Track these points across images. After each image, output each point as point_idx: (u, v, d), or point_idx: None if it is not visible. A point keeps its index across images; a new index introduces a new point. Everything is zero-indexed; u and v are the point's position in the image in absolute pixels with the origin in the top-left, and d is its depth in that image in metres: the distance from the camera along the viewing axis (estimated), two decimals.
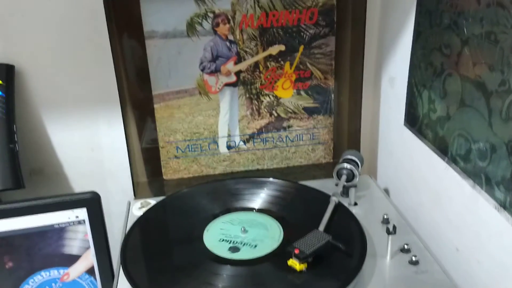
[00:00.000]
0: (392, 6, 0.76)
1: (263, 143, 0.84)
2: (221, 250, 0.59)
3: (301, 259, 0.53)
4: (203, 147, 0.83)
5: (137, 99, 0.79)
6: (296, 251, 0.53)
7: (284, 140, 0.85)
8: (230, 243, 0.60)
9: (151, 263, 0.59)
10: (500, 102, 0.50)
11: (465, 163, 0.58)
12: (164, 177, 0.83)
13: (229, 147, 0.83)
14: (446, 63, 0.60)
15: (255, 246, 0.60)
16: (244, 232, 0.62)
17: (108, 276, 0.70)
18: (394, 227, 0.57)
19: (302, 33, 0.78)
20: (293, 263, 0.54)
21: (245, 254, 0.59)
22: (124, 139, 0.77)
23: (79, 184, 0.85)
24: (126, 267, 0.56)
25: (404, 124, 0.73)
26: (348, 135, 0.85)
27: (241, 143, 0.84)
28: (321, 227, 0.59)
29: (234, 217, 0.66)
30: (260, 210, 0.68)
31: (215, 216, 0.66)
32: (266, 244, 0.60)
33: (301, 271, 0.54)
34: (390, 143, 0.81)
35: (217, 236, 0.62)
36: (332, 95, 0.83)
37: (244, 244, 0.60)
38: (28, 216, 0.65)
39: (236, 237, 0.62)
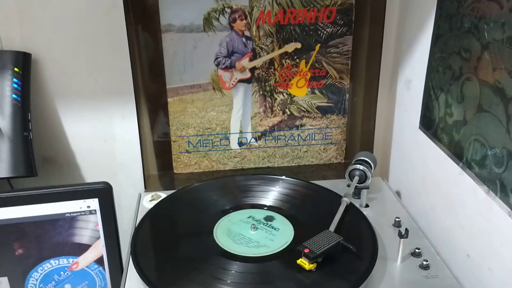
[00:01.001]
0: (412, 8, 0.75)
1: (275, 141, 0.84)
2: (230, 245, 0.59)
3: (310, 259, 0.53)
4: (215, 143, 0.83)
5: (151, 92, 0.79)
6: (306, 251, 0.53)
7: (296, 138, 0.84)
8: (241, 238, 0.60)
9: (160, 255, 0.59)
10: None
11: (480, 168, 0.57)
12: (175, 171, 0.83)
13: (240, 144, 0.83)
14: (465, 67, 0.60)
15: (265, 243, 0.60)
16: (254, 230, 0.62)
17: (116, 266, 0.70)
18: (407, 231, 0.56)
19: (319, 32, 0.77)
20: (303, 262, 0.53)
21: (254, 251, 0.58)
22: (137, 131, 0.77)
23: (91, 175, 0.85)
24: (136, 258, 0.56)
25: (419, 127, 0.73)
26: (361, 136, 0.84)
27: (253, 140, 0.83)
28: (332, 228, 0.58)
29: (244, 214, 0.66)
30: (271, 208, 0.67)
31: (225, 212, 0.66)
32: (276, 242, 0.60)
33: (310, 271, 0.53)
34: (403, 145, 0.80)
35: (227, 232, 0.62)
36: (347, 95, 0.82)
37: (253, 241, 0.60)
38: (40, 204, 0.65)
39: (246, 234, 0.61)
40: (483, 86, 0.56)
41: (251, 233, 0.62)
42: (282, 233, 0.62)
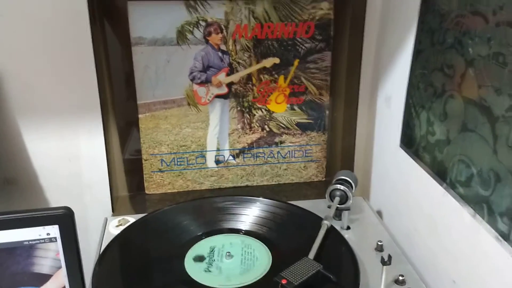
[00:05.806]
0: (392, 23, 0.73)
1: (254, 158, 0.81)
2: (203, 277, 0.55)
3: None
4: (190, 161, 0.79)
5: (121, 108, 0.75)
6: (284, 282, 0.49)
7: (276, 156, 0.81)
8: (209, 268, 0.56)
9: None
10: (508, 129, 0.47)
11: (465, 190, 0.54)
12: (147, 191, 0.79)
13: (217, 162, 0.80)
14: (448, 84, 0.58)
15: (241, 273, 0.56)
16: (229, 258, 0.58)
17: None
18: (390, 257, 0.53)
19: (297, 47, 0.75)
20: None
21: (229, 281, 0.54)
22: (105, 150, 0.73)
23: (55, 196, 0.80)
24: None
25: (400, 146, 0.71)
26: (341, 154, 0.82)
27: (231, 158, 0.80)
28: (311, 255, 0.55)
29: (219, 240, 0.62)
30: (247, 232, 0.64)
31: (198, 238, 0.62)
32: (253, 271, 0.56)
33: None
34: (384, 164, 0.78)
35: (199, 261, 0.58)
36: (327, 112, 0.80)
37: (228, 271, 0.56)
38: None
39: (220, 263, 0.58)
40: (467, 104, 0.54)
41: (225, 261, 0.58)
42: (259, 261, 0.58)
